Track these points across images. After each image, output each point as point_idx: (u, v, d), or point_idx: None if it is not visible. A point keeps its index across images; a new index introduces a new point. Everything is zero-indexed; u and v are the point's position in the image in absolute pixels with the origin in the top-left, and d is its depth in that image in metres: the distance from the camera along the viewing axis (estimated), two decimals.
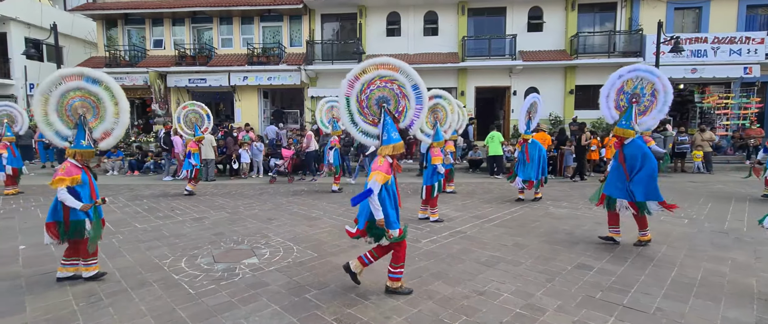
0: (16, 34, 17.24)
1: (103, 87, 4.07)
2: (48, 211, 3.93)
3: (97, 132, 4.08)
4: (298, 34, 16.97)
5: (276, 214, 7.17)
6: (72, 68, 4.10)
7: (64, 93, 3.99)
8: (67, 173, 3.84)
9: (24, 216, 7.13)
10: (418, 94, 3.73)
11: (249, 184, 10.86)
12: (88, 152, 3.97)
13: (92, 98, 4.05)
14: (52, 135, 4.02)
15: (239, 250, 5.07)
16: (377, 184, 3.42)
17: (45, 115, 3.96)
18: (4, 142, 8.90)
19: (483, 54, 15.38)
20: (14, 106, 9.42)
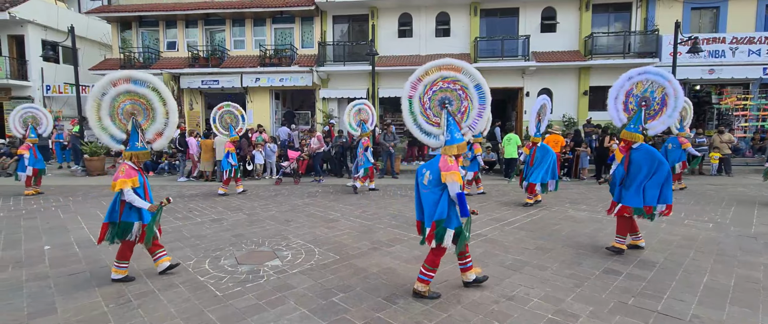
0: (34, 36, 17.52)
1: (150, 88, 4.10)
2: (106, 212, 4.02)
3: (149, 133, 4.14)
4: (310, 36, 17.02)
5: (293, 215, 7.17)
6: (120, 71, 4.13)
7: (115, 97, 4.04)
8: (127, 175, 3.90)
9: (45, 216, 7.21)
10: (481, 94, 3.68)
11: (263, 186, 10.89)
12: (143, 154, 4.05)
13: (142, 100, 4.09)
14: (108, 139, 4.09)
15: (261, 252, 5.07)
16: (458, 183, 3.42)
17: (98, 120, 4.05)
18: (27, 143, 9.03)
19: (495, 55, 15.28)
20: (39, 107, 9.56)
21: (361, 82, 16.47)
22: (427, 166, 3.65)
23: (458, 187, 3.43)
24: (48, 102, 17.97)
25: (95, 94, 4.02)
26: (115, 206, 3.96)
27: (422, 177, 3.63)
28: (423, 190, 3.63)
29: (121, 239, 4.02)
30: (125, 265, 4.11)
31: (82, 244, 5.46)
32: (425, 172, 3.62)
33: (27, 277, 4.27)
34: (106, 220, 3.98)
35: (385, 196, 9.07)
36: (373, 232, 6.02)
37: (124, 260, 4.08)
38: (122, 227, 3.98)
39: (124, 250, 4.07)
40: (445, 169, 3.47)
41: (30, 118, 9.25)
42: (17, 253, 5.12)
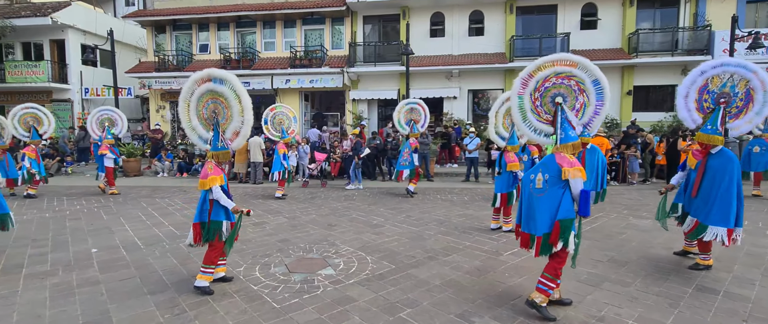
0: (74, 41, 18.07)
1: (228, 86, 3.91)
2: (195, 212, 3.90)
3: (228, 132, 3.98)
4: (340, 37, 16.87)
5: (335, 219, 6.92)
6: (202, 71, 4.00)
7: (200, 97, 3.97)
8: (215, 172, 3.79)
9: (89, 217, 7.21)
10: (599, 89, 3.35)
11: (297, 188, 10.73)
12: (223, 154, 3.91)
13: (221, 99, 3.94)
14: (197, 139, 4.08)
15: (311, 260, 4.81)
16: (582, 180, 3.18)
17: (188, 120, 4.05)
18: (106, 144, 9.23)
19: (533, 54, 14.68)
20: (114, 109, 9.78)
21: (392, 82, 16.19)
22: (536, 170, 3.36)
23: (582, 183, 3.20)
24: (86, 104, 18.47)
25: (184, 96, 3.99)
26: (204, 205, 3.82)
27: (533, 182, 3.32)
28: (536, 194, 3.31)
29: (211, 240, 3.84)
30: (211, 270, 3.88)
31: (129, 248, 5.35)
32: (537, 176, 3.31)
33: (78, 282, 4.14)
34: (196, 220, 3.84)
35: (425, 201, 8.71)
36: (424, 239, 5.68)
37: (211, 265, 3.86)
38: (212, 227, 3.81)
39: (210, 254, 3.86)
40: (568, 165, 3.19)
41: (106, 120, 9.48)
42: (66, 255, 5.04)
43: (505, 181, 5.88)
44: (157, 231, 6.20)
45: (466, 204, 8.27)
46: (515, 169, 5.79)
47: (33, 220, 6.93)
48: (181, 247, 5.35)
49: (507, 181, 5.87)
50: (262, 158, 11.58)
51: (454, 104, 15.83)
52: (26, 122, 9.08)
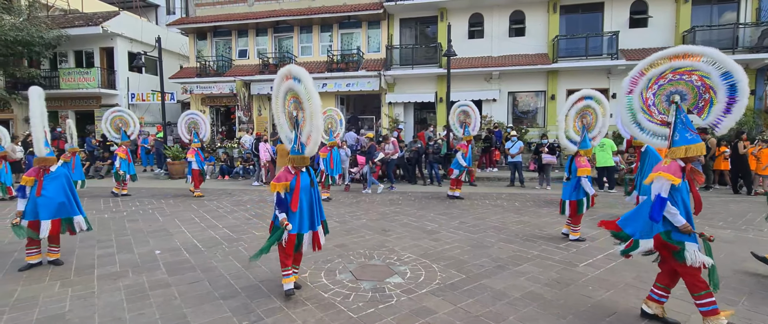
0: (121, 48, 18.86)
1: (302, 86, 3.65)
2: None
3: (303, 135, 3.73)
4: (376, 40, 16.82)
5: (387, 224, 6.75)
6: (285, 67, 3.80)
7: (284, 94, 3.81)
8: (282, 177, 3.65)
9: (146, 218, 7.35)
10: (731, 83, 2.89)
11: (339, 192, 10.66)
12: (298, 158, 3.70)
13: (299, 99, 3.72)
14: (284, 138, 3.96)
15: (375, 267, 4.65)
16: (667, 182, 2.88)
17: (278, 117, 3.89)
18: (193, 148, 9.43)
19: (578, 54, 14.15)
20: (198, 113, 9.93)
21: (429, 85, 15.97)
22: None
23: (659, 189, 2.93)
24: (132, 109, 19.21)
25: (276, 91, 3.83)
26: (281, 208, 3.70)
27: None
28: None
29: (277, 243, 3.71)
30: (287, 271, 3.76)
31: (190, 250, 5.37)
32: None
33: (150, 285, 4.14)
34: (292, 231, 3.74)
35: (475, 206, 8.42)
36: (486, 246, 5.42)
37: (285, 267, 3.76)
38: (278, 232, 3.68)
39: (281, 258, 3.76)
40: (656, 169, 2.97)
41: (192, 124, 9.64)
42: (132, 257, 5.09)
43: (575, 188, 5.54)
44: (213, 233, 6.23)
45: (519, 210, 7.93)
46: (586, 174, 5.44)
47: (94, 221, 7.12)
48: (241, 250, 5.33)
49: (577, 187, 5.52)
50: None
51: (493, 107, 15.43)
52: (116, 125, 9.51)
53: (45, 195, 4.46)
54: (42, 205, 4.46)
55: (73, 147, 9.50)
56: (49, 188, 4.51)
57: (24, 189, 4.49)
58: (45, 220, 4.47)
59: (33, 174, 4.54)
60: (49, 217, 4.49)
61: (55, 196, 4.52)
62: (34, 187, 4.48)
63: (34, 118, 4.44)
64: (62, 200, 4.56)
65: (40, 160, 4.54)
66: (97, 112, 19.02)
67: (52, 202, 4.50)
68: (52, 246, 4.71)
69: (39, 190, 4.45)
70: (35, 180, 4.51)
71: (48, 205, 4.49)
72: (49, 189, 4.50)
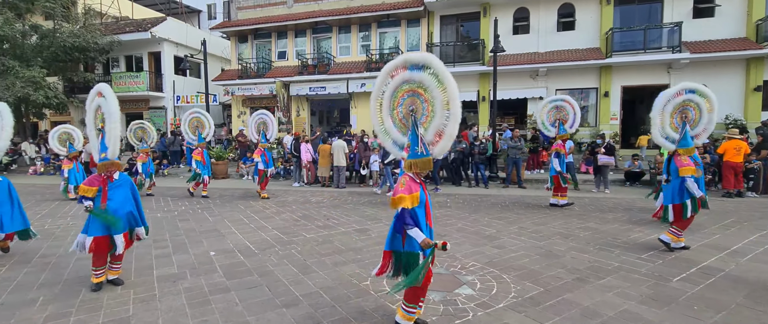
0: (168, 52, 19.57)
1: (429, 72, 3.04)
2: (386, 237, 3.10)
3: (429, 133, 3.07)
4: (416, 38, 16.49)
5: (441, 229, 6.39)
6: (396, 59, 3.24)
7: (394, 91, 3.25)
8: (407, 189, 2.86)
9: (196, 218, 7.37)
10: None
11: (383, 193, 10.40)
12: (424, 162, 2.98)
13: (420, 90, 3.13)
14: (391, 145, 3.35)
15: (440, 276, 4.31)
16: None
17: (381, 122, 3.36)
18: (260, 149, 9.42)
19: (635, 47, 13.19)
20: (267, 113, 9.78)
21: (471, 83, 15.44)
22: None
23: None
24: (177, 111, 19.89)
25: (376, 93, 3.35)
26: (398, 228, 2.96)
27: None
28: None
29: (405, 274, 2.95)
30: (413, 310, 3.04)
31: (244, 252, 5.24)
32: None
33: (209, 288, 4.01)
34: (387, 248, 3.05)
35: (532, 209, 7.91)
36: (557, 256, 4.95)
37: (413, 304, 3.02)
38: (406, 259, 2.94)
39: (412, 292, 2.99)
40: None
41: (262, 124, 9.60)
42: (188, 257, 5.03)
43: (677, 190, 4.95)
44: (263, 235, 6.11)
45: (582, 215, 7.35)
46: (690, 174, 4.84)
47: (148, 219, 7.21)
48: (294, 253, 5.15)
49: (678, 189, 4.93)
50: (345, 162, 11.43)
51: (539, 105, 14.66)
52: (194, 126, 9.67)
53: (112, 206, 3.96)
54: (112, 216, 3.97)
55: (145, 147, 9.82)
56: (116, 198, 4.01)
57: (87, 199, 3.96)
58: (117, 235, 3.96)
59: (95, 182, 4.01)
60: (122, 230, 4.00)
61: (123, 205, 4.03)
62: (98, 199, 3.95)
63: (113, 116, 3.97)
64: (130, 209, 4.10)
65: (105, 165, 4.00)
66: (145, 114, 19.81)
67: (121, 212, 4.01)
68: (115, 263, 4.14)
69: (104, 201, 3.95)
70: (99, 189, 3.98)
71: (118, 217, 3.99)
72: (115, 198, 4.01)
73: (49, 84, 16.70)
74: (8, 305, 3.67)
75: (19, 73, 15.32)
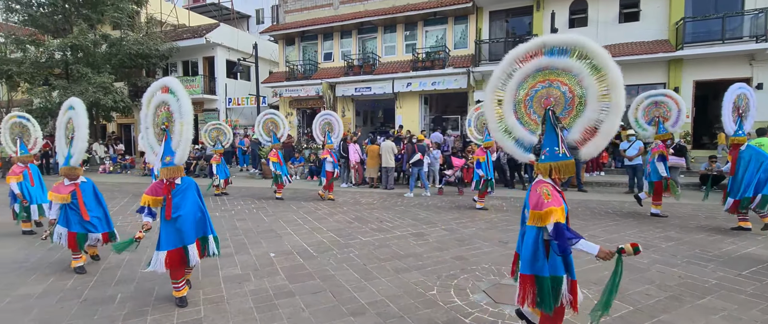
0: (220, 57, 20.43)
1: (577, 55, 2.53)
2: (525, 256, 2.56)
3: (575, 131, 2.57)
4: (464, 36, 16.04)
5: (501, 234, 6.06)
6: (528, 43, 2.73)
7: (522, 82, 2.76)
8: (555, 200, 2.39)
9: (253, 218, 7.51)
10: None
11: (435, 196, 10.16)
12: (566, 165, 2.52)
13: (560, 79, 2.60)
14: (512, 146, 2.81)
15: (511, 287, 4.00)
16: None
17: (499, 120, 2.84)
18: (327, 149, 9.36)
19: (710, 38, 11.98)
20: (332, 114, 9.78)
21: None
22: None
23: None
24: (229, 113, 20.73)
25: (494, 84, 2.84)
26: (538, 248, 2.47)
27: None
28: None
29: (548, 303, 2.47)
30: None
31: (302, 254, 5.22)
32: None
33: (274, 292, 3.98)
34: (526, 271, 2.54)
35: (600, 217, 7.34)
36: (641, 269, 4.49)
37: None
38: (549, 284, 2.47)
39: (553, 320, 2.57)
40: None
41: (326, 125, 9.59)
42: (249, 258, 5.08)
43: None
44: (319, 237, 6.08)
45: (658, 223, 6.69)
46: None
47: None
48: (353, 257, 5.04)
49: None
50: (393, 163, 11.29)
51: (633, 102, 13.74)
52: (268, 128, 9.82)
53: (180, 214, 3.61)
54: (182, 226, 3.61)
55: (220, 148, 10.14)
56: (184, 205, 3.65)
57: (150, 210, 3.67)
58: (191, 244, 3.64)
59: (160, 191, 3.63)
60: (193, 239, 3.68)
61: (191, 211, 3.68)
62: (164, 208, 3.62)
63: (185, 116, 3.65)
64: (199, 215, 3.76)
65: (170, 171, 3.60)
66: (199, 116, 20.81)
67: (189, 219, 3.67)
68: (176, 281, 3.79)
69: (169, 210, 3.58)
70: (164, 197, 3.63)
71: (186, 225, 3.62)
72: (184, 205, 3.64)
73: (117, 89, 17.96)
74: (90, 301, 3.84)
75: (91, 79, 16.60)
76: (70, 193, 4.48)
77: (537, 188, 2.52)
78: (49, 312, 3.61)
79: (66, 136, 4.72)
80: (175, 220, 3.60)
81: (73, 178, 4.55)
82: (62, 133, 4.75)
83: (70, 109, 4.57)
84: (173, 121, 3.72)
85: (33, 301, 3.84)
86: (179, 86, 3.79)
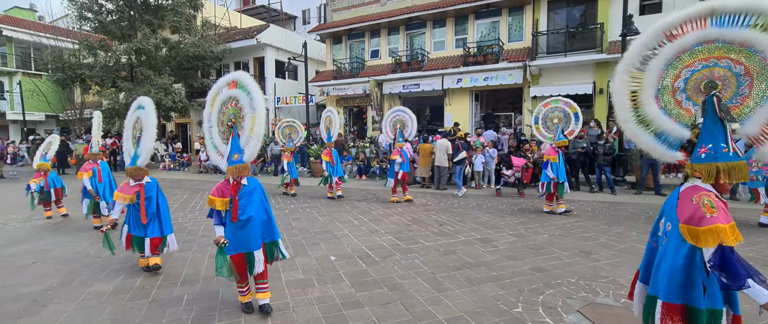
0: (270, 57, 20.88)
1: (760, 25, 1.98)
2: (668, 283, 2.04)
3: (752, 123, 2.05)
4: (519, 28, 15.15)
5: (579, 242, 5.44)
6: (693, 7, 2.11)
7: (673, 60, 2.19)
8: (723, 216, 1.88)
9: (307, 217, 7.38)
10: None
11: (491, 197, 9.59)
12: (739, 167, 1.97)
13: (733, 57, 2.08)
14: (651, 141, 2.26)
15: (612, 309, 3.48)
16: None
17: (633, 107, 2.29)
18: (397, 148, 8.81)
19: None
20: (405, 110, 9.32)
21: (585, 75, 13.69)
22: None
23: None
24: (278, 112, 21.14)
25: (629, 63, 2.30)
26: (693, 271, 1.97)
27: None
28: None
29: None
30: None
31: (364, 258, 4.94)
32: None
33: (342, 301, 3.71)
34: (672, 299, 2.03)
35: None
36: None
37: None
38: (708, 318, 1.97)
39: None
40: None
41: (398, 122, 9.17)
42: (309, 261, 4.87)
43: None
44: (378, 240, 5.78)
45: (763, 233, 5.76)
46: None
47: None
48: (419, 264, 4.68)
49: None
50: (447, 163, 10.80)
51: None
52: (325, 125, 9.81)
53: (246, 217, 3.35)
54: (248, 230, 3.36)
55: (291, 145, 10.02)
56: (251, 206, 3.39)
57: (219, 214, 3.38)
58: (257, 250, 3.40)
59: (226, 191, 3.37)
60: (259, 244, 3.43)
61: (257, 215, 3.42)
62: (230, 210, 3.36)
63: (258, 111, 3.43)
64: (265, 218, 3.50)
65: (237, 169, 3.35)
66: None
67: (257, 222, 3.41)
68: (259, 282, 3.51)
69: (235, 212, 3.34)
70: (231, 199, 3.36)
71: (254, 229, 3.38)
72: (250, 207, 3.38)
73: (175, 90, 18.85)
74: (158, 302, 3.77)
75: (153, 80, 17.53)
76: (135, 194, 4.45)
77: (693, 196, 1.98)
78: (122, 311, 3.57)
79: (133, 136, 4.70)
80: (241, 224, 3.36)
81: (138, 179, 4.50)
82: (130, 132, 4.74)
83: (140, 108, 4.54)
84: (242, 117, 3.51)
85: (106, 299, 3.84)
86: (249, 79, 3.56)
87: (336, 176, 9.33)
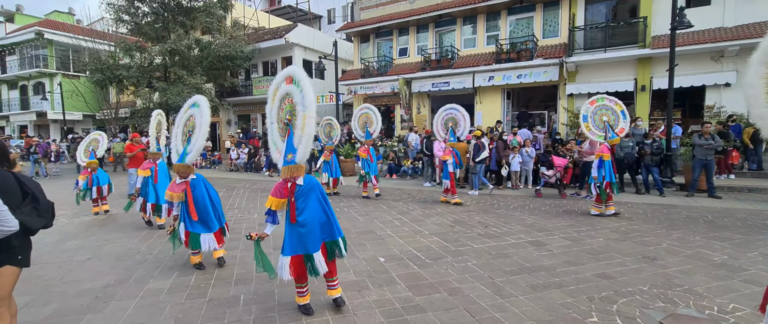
0: (298, 56, 21.03)
1: None
2: None
3: None
4: (554, 23, 14.69)
5: (639, 247, 5.14)
6: None
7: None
8: None
9: (346, 217, 7.30)
10: None
11: (531, 197, 9.30)
12: None
13: None
14: None
15: (695, 320, 3.22)
16: None
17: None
18: (448, 149, 8.53)
19: None
20: (458, 108, 8.86)
21: (626, 71, 13.14)
22: None
23: None
24: None
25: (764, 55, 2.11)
26: None
27: None
28: None
29: None
30: None
31: (414, 260, 4.81)
32: None
33: (403, 307, 3.58)
34: None
35: (756, 229, 6.04)
36: None
37: None
38: None
39: None
40: None
41: (450, 121, 8.76)
42: (360, 263, 4.77)
43: None
44: (424, 241, 5.63)
45: None
46: None
47: None
48: (473, 267, 4.51)
49: None
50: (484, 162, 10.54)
51: (723, 94, 11.79)
52: (363, 122, 9.65)
53: (304, 218, 3.28)
54: (306, 232, 3.29)
55: (331, 144, 9.71)
56: (309, 208, 3.30)
57: (274, 214, 3.32)
58: (316, 252, 3.32)
59: (282, 192, 3.29)
60: (318, 246, 3.35)
61: (315, 215, 3.34)
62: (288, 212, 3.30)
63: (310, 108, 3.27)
64: (324, 219, 3.41)
65: (291, 169, 3.26)
66: None
67: (315, 224, 3.34)
68: (328, 280, 3.51)
69: (293, 213, 3.26)
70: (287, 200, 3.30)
71: (312, 230, 3.30)
72: (308, 208, 3.30)
73: (206, 89, 19.22)
74: (216, 302, 3.73)
75: (186, 80, 17.92)
76: (183, 192, 4.45)
77: None
78: (182, 311, 3.55)
79: (184, 133, 4.71)
80: (299, 225, 3.28)
81: (184, 176, 4.49)
82: (180, 130, 4.74)
83: (194, 106, 4.55)
84: (296, 115, 3.38)
85: (163, 298, 3.84)
86: (303, 74, 3.45)
87: (373, 174, 9.19)
